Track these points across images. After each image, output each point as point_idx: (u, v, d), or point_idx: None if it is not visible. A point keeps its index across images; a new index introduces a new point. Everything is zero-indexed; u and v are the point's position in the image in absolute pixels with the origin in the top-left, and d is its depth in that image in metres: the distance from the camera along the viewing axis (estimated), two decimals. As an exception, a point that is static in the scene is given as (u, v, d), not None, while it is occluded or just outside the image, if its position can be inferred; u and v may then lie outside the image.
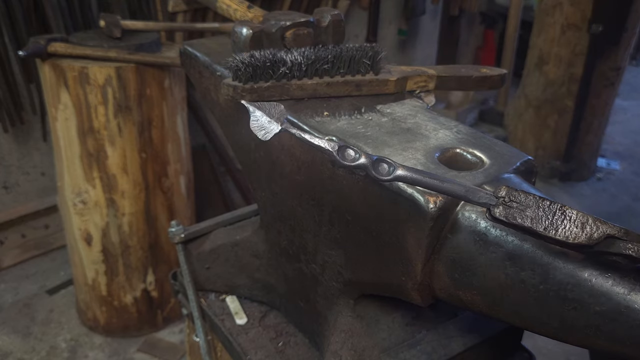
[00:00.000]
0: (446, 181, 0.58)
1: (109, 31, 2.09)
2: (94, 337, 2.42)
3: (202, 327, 1.11)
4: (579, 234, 0.53)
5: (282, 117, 0.65)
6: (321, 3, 3.37)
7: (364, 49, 0.88)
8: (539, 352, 1.92)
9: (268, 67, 0.84)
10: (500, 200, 0.55)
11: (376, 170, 0.59)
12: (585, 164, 3.92)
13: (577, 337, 0.60)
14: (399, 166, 0.59)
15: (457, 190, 0.57)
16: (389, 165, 0.59)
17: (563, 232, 0.53)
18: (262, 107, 0.66)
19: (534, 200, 0.54)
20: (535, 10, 3.89)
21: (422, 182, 0.58)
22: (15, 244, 2.85)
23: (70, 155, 2.11)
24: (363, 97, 0.89)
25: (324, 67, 0.86)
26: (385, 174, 0.59)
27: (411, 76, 0.91)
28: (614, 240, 0.52)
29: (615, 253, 0.52)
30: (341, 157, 0.61)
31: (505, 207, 0.55)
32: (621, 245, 0.52)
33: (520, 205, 0.54)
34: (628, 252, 0.51)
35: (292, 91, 0.86)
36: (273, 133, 0.64)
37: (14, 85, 2.53)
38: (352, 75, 0.88)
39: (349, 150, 0.60)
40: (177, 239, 1.18)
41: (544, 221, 0.54)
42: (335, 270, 0.86)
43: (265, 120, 0.65)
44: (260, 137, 0.65)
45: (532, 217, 0.54)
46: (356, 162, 0.60)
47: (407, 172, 0.58)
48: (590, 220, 0.53)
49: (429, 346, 0.87)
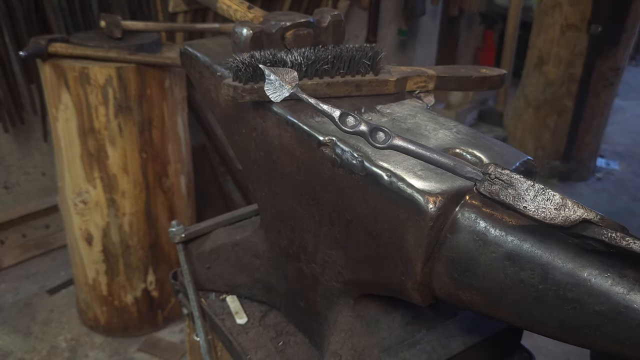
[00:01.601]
0: (437, 154, 0.61)
1: (109, 31, 2.09)
2: (94, 337, 2.42)
3: (202, 326, 1.11)
4: (556, 215, 0.55)
5: (293, 82, 0.70)
6: (321, 3, 3.37)
7: (364, 49, 0.88)
8: (539, 351, 1.92)
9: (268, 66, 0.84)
10: (486, 177, 0.59)
11: (373, 138, 0.63)
12: (584, 164, 3.92)
13: (577, 337, 0.60)
14: (395, 136, 0.62)
15: (446, 163, 0.60)
16: (385, 134, 0.63)
17: (541, 211, 0.56)
18: (277, 72, 0.71)
19: (517, 180, 0.57)
20: (535, 11, 3.90)
21: (413, 152, 0.62)
22: (16, 243, 2.85)
23: (70, 155, 2.12)
24: (363, 97, 0.90)
25: (324, 68, 0.86)
26: (382, 142, 0.63)
27: (411, 76, 0.91)
28: (590, 225, 0.55)
29: (589, 237, 0.55)
30: (342, 123, 0.64)
31: (490, 183, 0.58)
32: (596, 230, 0.54)
33: (504, 183, 0.58)
34: (602, 238, 0.53)
35: None
36: (284, 96, 0.69)
37: (15, 85, 2.53)
38: (352, 76, 0.88)
39: (350, 117, 0.64)
40: (177, 238, 1.18)
41: (524, 200, 0.57)
42: (335, 270, 0.86)
43: (278, 83, 0.70)
44: (273, 99, 0.70)
45: (514, 196, 0.57)
46: (355, 129, 0.64)
47: (401, 141, 0.62)
48: (569, 204, 0.55)
49: (429, 345, 0.87)
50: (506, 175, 0.58)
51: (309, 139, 0.80)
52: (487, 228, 0.64)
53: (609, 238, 0.53)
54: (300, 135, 0.81)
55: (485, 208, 0.65)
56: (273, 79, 0.70)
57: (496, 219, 0.64)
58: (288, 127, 0.83)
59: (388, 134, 0.63)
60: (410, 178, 0.68)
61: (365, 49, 0.88)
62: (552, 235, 0.60)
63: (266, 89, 0.70)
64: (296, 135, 0.82)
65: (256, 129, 0.91)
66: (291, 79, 0.70)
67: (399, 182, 0.68)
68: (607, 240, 0.53)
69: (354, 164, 0.73)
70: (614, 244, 0.53)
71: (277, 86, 0.69)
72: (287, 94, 0.69)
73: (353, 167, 0.73)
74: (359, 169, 0.72)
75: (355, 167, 0.73)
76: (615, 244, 0.53)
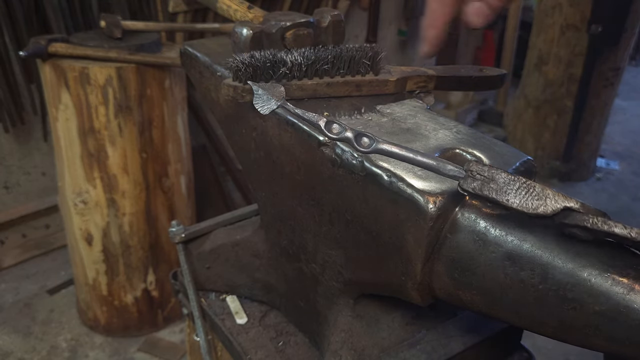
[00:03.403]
0: (420, 155, 0.64)
1: (109, 31, 2.09)
2: (94, 337, 2.42)
3: (202, 326, 1.11)
4: (538, 204, 0.58)
5: (280, 96, 0.75)
6: (321, 3, 3.38)
7: (363, 49, 0.88)
8: (539, 351, 1.92)
9: (268, 67, 0.84)
10: (468, 174, 0.61)
11: (359, 143, 0.66)
12: (584, 164, 3.92)
13: (577, 337, 0.60)
14: (379, 140, 0.65)
15: (429, 163, 0.63)
16: (370, 139, 0.66)
17: (524, 202, 0.58)
18: (264, 87, 0.76)
19: (498, 174, 0.60)
20: (535, 11, 3.90)
21: (397, 155, 0.65)
22: (16, 243, 2.85)
23: (70, 155, 2.12)
24: (363, 97, 0.90)
25: (324, 68, 0.86)
26: (367, 147, 0.66)
27: (411, 76, 0.91)
28: (572, 212, 0.57)
29: (572, 224, 0.56)
30: (328, 131, 0.68)
31: (472, 179, 0.61)
32: (577, 217, 0.56)
33: (486, 178, 0.60)
34: (584, 224, 0.55)
35: (292, 91, 0.86)
36: (272, 109, 0.75)
37: (15, 85, 2.53)
38: (352, 76, 0.88)
39: (334, 125, 0.67)
40: (177, 238, 1.18)
41: (507, 193, 0.59)
42: (335, 270, 0.86)
43: (266, 97, 0.75)
44: (261, 112, 0.75)
45: (496, 190, 0.60)
46: (341, 135, 0.67)
47: (386, 145, 0.65)
48: (550, 193, 0.58)
49: (429, 345, 0.87)
50: (487, 170, 0.60)
51: (309, 139, 0.80)
52: (487, 228, 0.64)
53: (591, 224, 0.55)
54: (300, 135, 0.81)
55: (485, 208, 0.65)
56: (261, 93, 0.76)
57: (496, 218, 0.64)
58: (288, 127, 0.83)
59: (372, 139, 0.66)
60: (410, 178, 0.68)
61: (365, 49, 0.88)
62: (552, 235, 0.60)
63: (255, 102, 0.76)
64: (296, 135, 0.82)
65: (256, 129, 0.91)
66: (279, 93, 0.75)
67: (399, 182, 0.68)
68: (590, 226, 0.55)
69: (354, 164, 0.73)
70: (595, 229, 0.54)
71: (265, 99, 0.75)
72: (275, 107, 0.74)
73: (353, 167, 0.73)
74: (359, 169, 0.72)
75: (355, 167, 0.73)
76: (598, 229, 0.54)
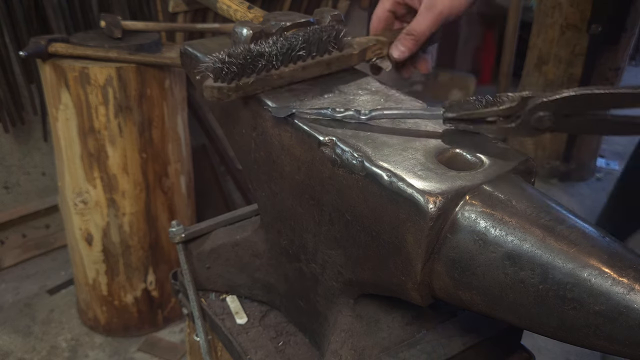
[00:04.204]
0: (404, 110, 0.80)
1: (109, 31, 2.09)
2: (94, 337, 2.43)
3: (202, 326, 1.11)
4: (504, 110, 0.70)
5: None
6: (321, 3, 3.38)
7: (327, 29, 0.93)
8: (539, 351, 1.92)
9: (249, 62, 0.85)
10: (446, 107, 0.75)
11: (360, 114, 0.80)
12: (584, 164, 3.92)
13: (577, 337, 0.60)
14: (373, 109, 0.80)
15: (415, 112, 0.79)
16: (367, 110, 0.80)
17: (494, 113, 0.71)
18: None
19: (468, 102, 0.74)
20: (535, 11, 3.90)
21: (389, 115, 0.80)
22: (16, 243, 2.85)
23: (70, 155, 2.12)
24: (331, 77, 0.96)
25: (299, 54, 0.90)
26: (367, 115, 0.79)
27: (369, 47, 0.99)
28: (530, 99, 0.67)
29: (532, 108, 0.66)
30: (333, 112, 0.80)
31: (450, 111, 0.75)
32: (536, 99, 0.66)
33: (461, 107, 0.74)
34: (542, 100, 0.65)
35: (274, 81, 0.90)
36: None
37: (15, 85, 2.54)
38: (321, 56, 0.94)
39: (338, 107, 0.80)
40: (177, 238, 1.18)
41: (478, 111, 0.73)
42: (335, 270, 0.86)
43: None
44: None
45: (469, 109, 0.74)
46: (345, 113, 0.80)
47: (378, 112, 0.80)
48: (516, 97, 0.69)
49: (429, 345, 0.87)
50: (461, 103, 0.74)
51: (309, 139, 0.80)
52: (487, 228, 0.64)
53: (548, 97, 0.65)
54: (300, 135, 0.81)
55: (485, 208, 0.65)
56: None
57: (496, 219, 0.64)
58: (288, 127, 0.83)
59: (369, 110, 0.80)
60: (410, 178, 0.68)
61: (329, 29, 0.93)
62: (552, 235, 0.60)
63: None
64: (296, 135, 0.82)
65: (256, 129, 0.91)
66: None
67: (399, 182, 0.68)
68: (546, 99, 0.65)
69: (354, 164, 0.73)
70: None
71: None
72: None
73: (353, 167, 0.73)
74: (359, 169, 0.72)
75: (355, 167, 0.73)
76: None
